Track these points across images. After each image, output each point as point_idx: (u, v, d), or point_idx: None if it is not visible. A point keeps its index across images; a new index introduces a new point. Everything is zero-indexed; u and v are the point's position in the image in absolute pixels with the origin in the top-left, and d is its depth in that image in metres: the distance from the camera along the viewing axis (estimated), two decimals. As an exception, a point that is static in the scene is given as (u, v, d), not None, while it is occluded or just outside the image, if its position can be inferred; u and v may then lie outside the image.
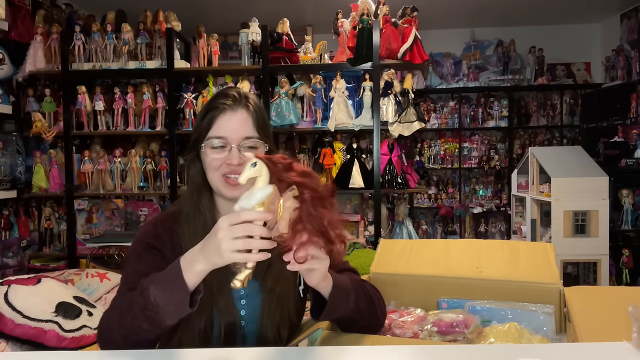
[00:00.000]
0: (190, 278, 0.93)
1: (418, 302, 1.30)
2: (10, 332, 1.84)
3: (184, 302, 0.93)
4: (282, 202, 0.89)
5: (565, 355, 0.95)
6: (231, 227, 0.88)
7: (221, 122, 1.12)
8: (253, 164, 0.89)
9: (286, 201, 0.89)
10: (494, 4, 4.74)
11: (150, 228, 1.17)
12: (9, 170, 3.26)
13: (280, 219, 0.89)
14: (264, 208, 0.89)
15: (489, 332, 1.14)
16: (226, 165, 1.11)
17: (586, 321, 1.06)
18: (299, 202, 0.88)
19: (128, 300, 0.99)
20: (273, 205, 0.89)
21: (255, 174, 0.89)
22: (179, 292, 0.93)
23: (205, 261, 0.92)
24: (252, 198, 0.89)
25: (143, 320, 0.95)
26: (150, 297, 0.94)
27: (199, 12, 4.58)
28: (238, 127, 1.12)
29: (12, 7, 3.30)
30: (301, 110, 3.37)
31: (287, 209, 0.89)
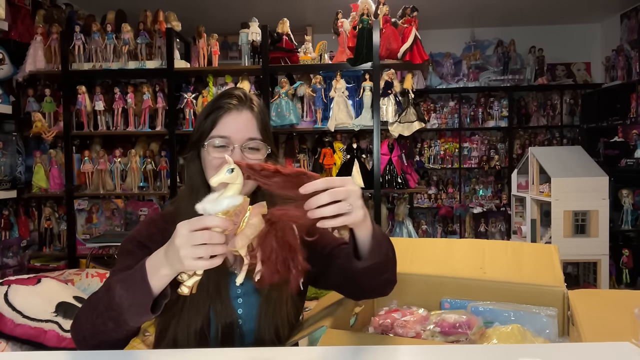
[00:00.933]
0: (155, 282, 0.90)
1: (421, 301, 1.29)
2: (10, 332, 1.84)
3: (146, 305, 0.91)
4: (247, 217, 0.86)
5: (568, 355, 0.95)
6: (191, 233, 0.84)
7: (225, 122, 1.11)
8: (230, 169, 0.86)
9: (252, 217, 0.86)
10: (494, 4, 4.74)
11: (143, 227, 1.17)
12: (9, 170, 3.26)
13: (240, 233, 0.85)
14: (227, 218, 0.85)
15: (491, 333, 1.13)
16: None
17: (590, 324, 1.06)
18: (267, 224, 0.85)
19: (97, 296, 0.98)
20: (237, 217, 0.85)
21: (229, 180, 0.86)
22: (142, 294, 0.91)
23: (169, 266, 0.88)
24: (219, 204, 0.85)
25: (107, 319, 0.94)
26: (115, 296, 0.92)
27: (199, 12, 4.58)
28: (242, 128, 1.11)
29: (12, 7, 3.30)
30: (301, 110, 3.37)
31: (251, 226, 0.85)
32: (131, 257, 1.09)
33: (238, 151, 1.09)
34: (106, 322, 0.94)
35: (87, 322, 0.97)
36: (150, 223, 1.18)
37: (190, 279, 0.88)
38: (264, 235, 0.86)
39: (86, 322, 0.98)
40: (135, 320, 0.93)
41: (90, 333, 0.97)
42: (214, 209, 0.85)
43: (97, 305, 0.96)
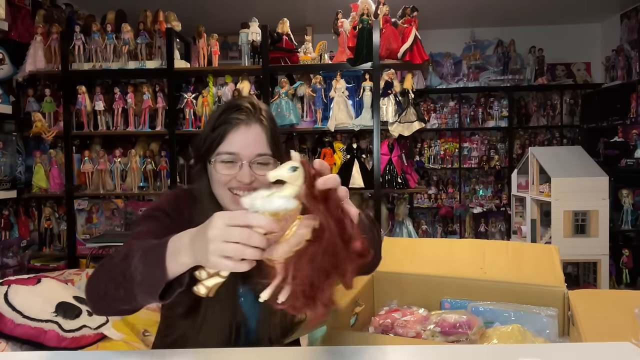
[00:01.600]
0: (172, 266, 0.83)
1: (421, 301, 1.29)
2: (10, 332, 1.84)
3: (157, 287, 0.84)
4: (296, 225, 0.75)
5: (568, 355, 0.95)
6: (227, 227, 0.75)
7: (233, 138, 1.08)
8: (293, 167, 0.74)
9: (301, 228, 0.75)
10: (494, 4, 4.74)
11: (171, 198, 1.14)
12: (9, 170, 3.26)
13: (284, 242, 0.75)
14: (275, 220, 0.74)
15: (491, 333, 1.13)
16: (235, 181, 1.07)
17: (590, 324, 1.06)
18: (313, 238, 0.74)
19: (116, 259, 0.93)
20: (285, 223, 0.75)
21: (289, 179, 0.74)
22: (156, 274, 0.83)
23: (192, 255, 0.80)
24: (270, 202, 0.74)
25: (119, 286, 0.88)
26: (131, 266, 0.86)
27: (199, 12, 4.58)
28: (251, 144, 1.08)
29: (12, 7, 3.30)
30: (301, 110, 3.37)
31: (298, 236, 0.74)
32: (157, 222, 1.07)
33: (246, 167, 1.07)
34: (117, 288, 0.88)
35: (101, 282, 0.92)
36: (178, 198, 1.14)
37: (211, 279, 0.79)
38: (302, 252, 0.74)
39: (100, 281, 0.92)
40: (142, 298, 0.87)
41: (102, 294, 0.92)
42: (263, 206, 0.74)
43: (113, 268, 0.91)
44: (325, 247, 0.73)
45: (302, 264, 0.73)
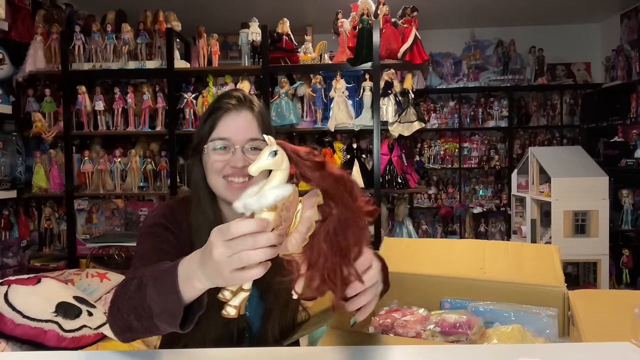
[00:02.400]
0: (187, 292, 0.80)
1: (421, 301, 1.29)
2: (10, 332, 1.84)
3: (176, 316, 0.81)
4: (299, 210, 0.70)
5: (568, 355, 0.95)
6: (226, 242, 0.70)
7: (225, 123, 1.09)
8: (273, 152, 0.68)
9: (306, 210, 0.69)
10: (494, 4, 4.74)
11: (166, 210, 1.12)
12: (9, 170, 3.26)
13: (294, 231, 0.69)
14: (275, 214, 0.68)
15: (492, 333, 1.13)
16: (229, 167, 1.07)
17: (591, 324, 1.06)
18: (323, 215, 0.68)
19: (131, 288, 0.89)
20: (288, 212, 0.69)
21: (272, 166, 0.69)
22: (172, 303, 0.80)
23: (205, 280, 0.76)
24: (263, 198, 0.68)
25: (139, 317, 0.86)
26: (147, 296, 0.83)
27: (199, 12, 4.58)
28: (242, 128, 1.08)
29: (12, 7, 3.30)
30: (301, 110, 3.37)
31: (306, 220, 0.69)
32: (157, 237, 1.06)
33: (239, 152, 1.07)
34: (139, 319, 0.86)
35: (122, 314, 0.89)
36: (173, 209, 1.13)
37: (236, 297, 0.72)
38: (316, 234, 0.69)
39: (121, 313, 0.90)
40: (164, 327, 0.84)
41: (126, 326, 0.90)
42: (257, 204, 0.68)
43: (130, 300, 0.88)
44: (337, 219, 0.68)
45: (320, 247, 0.68)
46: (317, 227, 0.68)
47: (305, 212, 0.69)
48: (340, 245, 0.68)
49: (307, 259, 0.68)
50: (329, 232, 0.68)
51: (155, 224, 1.09)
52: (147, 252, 1.04)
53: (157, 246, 1.05)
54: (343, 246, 0.69)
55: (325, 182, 0.68)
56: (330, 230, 0.67)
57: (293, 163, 0.69)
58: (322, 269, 0.68)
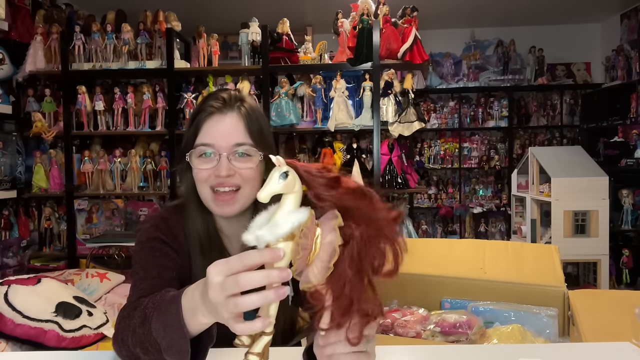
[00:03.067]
0: (193, 326, 0.73)
1: (421, 301, 1.29)
2: (10, 332, 1.84)
3: (183, 352, 0.74)
4: (318, 235, 0.61)
5: (568, 355, 0.95)
6: (227, 279, 0.61)
7: (208, 127, 0.99)
8: (283, 174, 0.61)
9: (326, 234, 0.61)
10: (494, 4, 4.74)
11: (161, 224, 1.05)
12: (9, 170, 3.26)
13: (315, 260, 0.61)
14: (293, 243, 0.60)
15: (492, 333, 1.13)
16: (215, 177, 0.98)
17: (590, 324, 1.06)
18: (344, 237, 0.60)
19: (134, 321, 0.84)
20: (307, 239, 0.61)
21: (284, 189, 0.61)
22: (179, 341, 0.74)
23: (210, 316, 0.69)
24: (278, 227, 0.60)
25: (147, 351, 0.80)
26: (152, 330, 0.78)
27: (199, 12, 4.58)
28: (227, 133, 0.98)
29: (12, 7, 3.30)
30: (301, 110, 3.37)
31: (327, 246, 0.60)
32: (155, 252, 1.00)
33: (224, 159, 0.98)
34: (146, 353, 0.80)
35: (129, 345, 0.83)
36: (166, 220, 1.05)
37: (258, 343, 0.64)
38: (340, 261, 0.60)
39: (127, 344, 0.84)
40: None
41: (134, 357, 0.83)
42: (272, 235, 0.60)
43: (134, 332, 0.82)
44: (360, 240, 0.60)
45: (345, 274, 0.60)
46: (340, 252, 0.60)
47: (325, 237, 0.61)
48: (365, 270, 0.61)
49: (331, 288, 0.60)
50: (354, 257, 0.60)
51: (151, 238, 1.02)
52: (147, 269, 0.98)
53: (157, 262, 0.99)
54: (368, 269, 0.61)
55: (343, 200, 0.61)
56: (355, 254, 0.60)
57: (305, 183, 0.63)
58: (349, 299, 0.60)
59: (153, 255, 1.00)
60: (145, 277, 0.97)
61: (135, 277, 0.99)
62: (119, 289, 2.60)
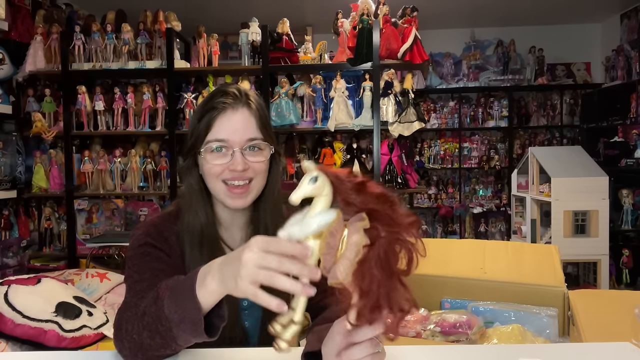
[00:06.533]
0: (202, 295, 0.76)
1: (421, 301, 1.28)
2: (10, 332, 1.84)
3: (197, 323, 0.77)
4: (345, 236, 0.66)
5: (568, 355, 0.95)
6: (263, 253, 0.67)
7: (221, 123, 1.02)
8: (313, 178, 0.66)
9: (352, 235, 0.65)
10: (494, 4, 4.74)
11: (151, 229, 1.06)
12: (9, 170, 3.26)
13: (342, 258, 0.65)
14: (321, 241, 0.66)
15: (492, 333, 1.13)
16: (229, 171, 1.01)
17: (590, 324, 1.06)
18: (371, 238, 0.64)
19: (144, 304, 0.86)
20: (334, 239, 0.66)
21: (314, 192, 0.66)
22: (191, 308, 0.77)
23: (219, 281, 0.74)
24: (307, 225, 0.66)
25: (155, 333, 0.81)
26: (164, 307, 0.80)
27: (199, 12, 4.58)
28: (240, 128, 1.01)
29: (12, 7, 3.30)
30: (301, 110, 3.37)
31: (353, 246, 0.65)
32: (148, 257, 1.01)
33: (238, 154, 1.01)
34: (153, 336, 0.82)
35: (132, 333, 0.85)
36: (157, 226, 1.07)
37: (288, 330, 0.67)
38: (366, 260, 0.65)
39: (131, 333, 0.85)
40: (184, 339, 0.80)
41: (137, 345, 0.85)
42: (302, 232, 0.66)
43: (144, 314, 0.84)
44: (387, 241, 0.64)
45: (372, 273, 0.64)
46: (365, 251, 0.64)
47: (351, 237, 0.65)
48: (392, 268, 0.65)
49: (358, 286, 0.65)
50: (380, 257, 0.64)
51: (142, 244, 1.03)
52: (141, 272, 0.99)
53: (149, 265, 1.00)
54: (395, 270, 0.65)
55: (368, 204, 0.65)
56: (381, 254, 0.64)
57: (334, 187, 0.67)
58: (376, 296, 0.64)
59: (144, 259, 1.01)
60: (140, 279, 0.98)
61: (130, 281, 1.00)
62: (119, 289, 2.60)
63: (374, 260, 0.63)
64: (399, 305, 0.66)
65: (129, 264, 1.03)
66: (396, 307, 0.66)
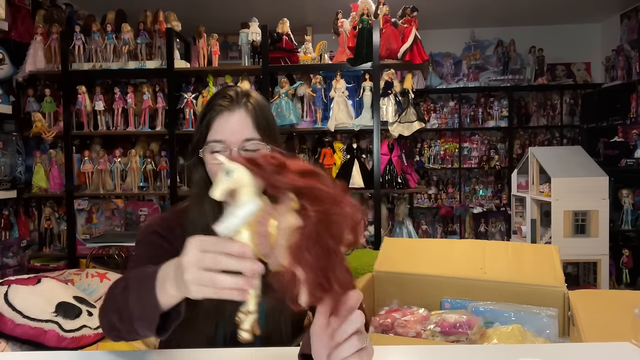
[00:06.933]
0: (162, 298, 0.78)
1: (421, 301, 1.29)
2: (10, 332, 1.84)
3: (152, 321, 0.80)
4: (273, 221, 0.65)
5: (568, 355, 0.95)
6: (200, 253, 0.67)
7: (219, 124, 1.06)
8: (227, 172, 0.66)
9: (282, 219, 0.64)
10: (494, 4, 4.74)
11: (158, 220, 1.13)
12: (9, 170, 3.26)
13: (276, 245, 0.65)
14: (250, 232, 0.66)
15: (492, 333, 1.13)
16: None
17: (591, 324, 1.06)
18: (302, 218, 0.63)
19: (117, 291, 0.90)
20: (263, 227, 0.65)
21: (234, 185, 0.66)
22: (150, 307, 0.79)
23: (176, 287, 0.74)
24: (234, 218, 0.66)
25: (122, 320, 0.86)
26: (129, 300, 0.83)
27: (199, 12, 4.58)
28: (236, 129, 1.05)
29: (12, 7, 3.30)
30: (301, 110, 3.37)
31: (283, 230, 0.64)
32: (151, 245, 1.08)
33: (235, 155, 1.04)
34: (121, 321, 0.87)
35: (108, 313, 0.91)
36: (166, 218, 1.14)
37: (246, 320, 0.68)
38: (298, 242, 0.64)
39: (108, 312, 0.91)
40: (142, 331, 0.84)
41: (111, 325, 0.91)
42: (229, 227, 0.66)
43: (115, 300, 0.89)
44: (316, 219, 0.63)
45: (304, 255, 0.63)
46: (297, 233, 0.63)
47: (282, 221, 0.64)
48: (327, 245, 0.63)
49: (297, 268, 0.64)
50: (311, 236, 0.63)
51: (149, 232, 1.11)
52: (140, 258, 1.06)
53: (150, 252, 1.06)
54: (330, 246, 0.64)
55: (294, 183, 0.64)
56: (312, 234, 0.62)
57: (256, 175, 0.66)
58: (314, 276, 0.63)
59: (147, 247, 1.08)
60: (137, 265, 1.02)
61: (129, 265, 1.07)
62: (119, 289, 2.60)
63: (305, 241, 0.62)
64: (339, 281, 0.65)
65: (135, 248, 1.11)
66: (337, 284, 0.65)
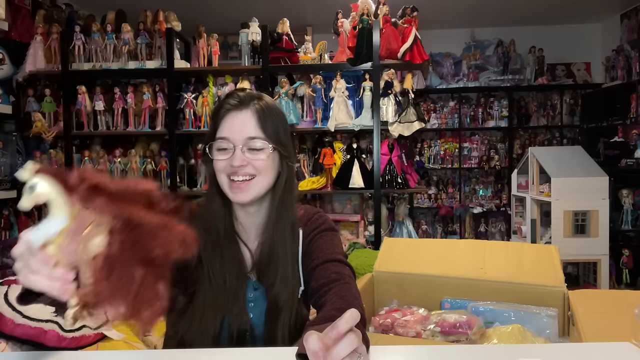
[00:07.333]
0: None
1: (421, 301, 1.29)
2: (10, 332, 1.84)
3: None
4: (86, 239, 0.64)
5: (568, 355, 0.95)
6: (18, 254, 0.67)
7: (225, 123, 1.11)
8: (30, 187, 0.62)
9: (88, 240, 0.64)
10: (494, 4, 4.74)
11: None
12: (9, 170, 3.26)
13: (80, 263, 0.64)
14: (54, 246, 0.64)
15: (492, 333, 1.13)
16: (230, 166, 1.09)
17: (590, 324, 1.06)
18: (109, 241, 0.63)
19: None
20: (71, 245, 0.64)
21: (40, 199, 0.63)
22: None
23: None
24: (39, 231, 0.64)
25: None
26: None
27: (199, 12, 4.58)
28: (241, 127, 1.09)
29: (12, 7, 3.30)
30: (301, 110, 3.37)
31: (87, 252, 0.64)
32: None
33: (238, 151, 1.08)
34: None
35: None
36: None
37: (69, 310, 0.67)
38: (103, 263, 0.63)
39: None
40: None
41: None
42: (37, 238, 0.64)
43: None
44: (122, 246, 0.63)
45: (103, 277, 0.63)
46: (102, 252, 0.63)
47: (88, 242, 0.64)
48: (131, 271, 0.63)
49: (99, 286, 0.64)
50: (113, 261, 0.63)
51: None
52: None
53: None
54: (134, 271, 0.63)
55: (109, 205, 0.63)
56: (115, 258, 0.63)
57: (67, 190, 0.64)
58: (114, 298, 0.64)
59: None
60: None
61: None
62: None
63: (106, 264, 0.62)
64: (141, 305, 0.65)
65: None
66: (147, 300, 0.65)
